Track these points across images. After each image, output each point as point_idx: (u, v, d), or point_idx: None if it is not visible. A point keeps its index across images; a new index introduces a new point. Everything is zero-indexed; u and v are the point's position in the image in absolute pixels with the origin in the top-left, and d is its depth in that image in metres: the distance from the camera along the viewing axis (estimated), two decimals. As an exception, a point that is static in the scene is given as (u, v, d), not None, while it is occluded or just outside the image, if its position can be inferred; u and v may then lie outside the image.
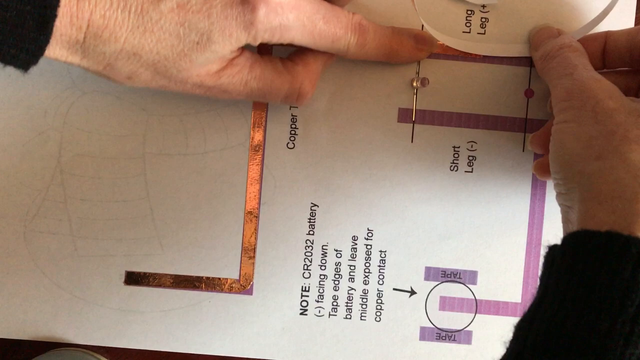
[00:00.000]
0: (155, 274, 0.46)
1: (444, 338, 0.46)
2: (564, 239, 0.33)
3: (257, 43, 0.38)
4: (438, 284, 0.46)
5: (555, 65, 0.40)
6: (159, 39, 0.36)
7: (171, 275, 0.46)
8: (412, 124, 0.45)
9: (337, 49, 0.41)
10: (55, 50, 0.36)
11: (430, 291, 0.46)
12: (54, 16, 0.34)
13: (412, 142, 0.45)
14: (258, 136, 0.45)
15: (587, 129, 0.35)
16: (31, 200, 0.45)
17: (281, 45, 0.41)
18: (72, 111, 0.45)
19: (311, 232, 0.46)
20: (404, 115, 0.45)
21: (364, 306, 0.46)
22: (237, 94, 0.40)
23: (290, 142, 0.45)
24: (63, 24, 0.35)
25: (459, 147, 0.45)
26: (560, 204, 0.37)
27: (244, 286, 0.46)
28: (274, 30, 0.38)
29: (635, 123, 0.35)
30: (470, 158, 0.45)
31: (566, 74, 0.39)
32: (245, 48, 0.39)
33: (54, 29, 0.35)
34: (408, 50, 0.44)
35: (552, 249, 0.34)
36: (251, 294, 0.46)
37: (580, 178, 0.35)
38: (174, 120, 0.45)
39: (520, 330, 0.33)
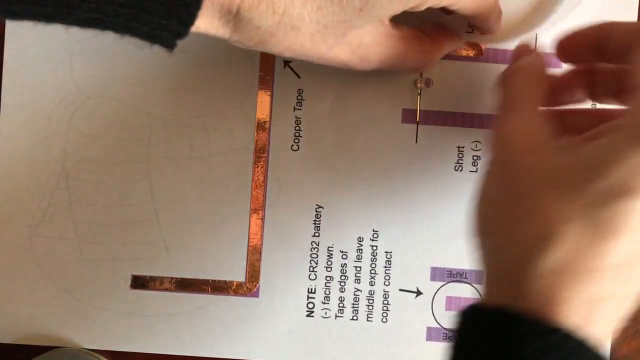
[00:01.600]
0: (161, 277, 0.46)
1: (451, 338, 0.46)
2: (462, 312, 0.33)
3: (423, 8, 0.36)
4: (444, 284, 0.46)
5: (498, 97, 0.37)
6: (319, 6, 0.33)
7: (177, 278, 0.46)
8: (416, 125, 0.45)
9: (486, 16, 0.39)
10: (205, 21, 0.33)
11: (437, 291, 0.46)
12: None
13: (416, 142, 0.45)
14: (262, 139, 0.45)
15: (494, 193, 0.33)
16: (36, 205, 0.45)
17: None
18: (76, 116, 0.45)
19: (317, 234, 0.46)
20: (408, 116, 0.45)
21: (370, 307, 0.46)
22: (376, 62, 0.38)
23: (295, 144, 0.45)
24: None
25: (463, 147, 0.45)
26: None
27: (250, 289, 0.46)
28: None
29: (540, 193, 0.31)
30: (475, 158, 0.45)
31: (500, 113, 0.36)
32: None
33: None
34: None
35: (460, 317, 0.33)
36: (257, 296, 0.46)
37: (480, 251, 0.34)
38: (178, 124, 0.45)
39: None
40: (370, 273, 0.46)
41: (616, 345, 0.46)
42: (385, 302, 0.46)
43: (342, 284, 0.46)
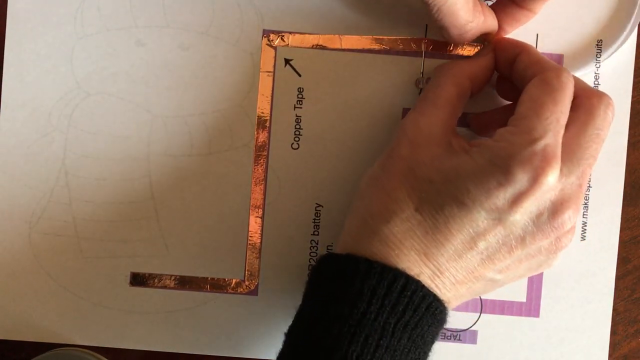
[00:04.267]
0: (160, 275, 0.46)
1: (449, 338, 0.46)
2: (317, 261, 0.40)
3: None
4: (443, 284, 0.46)
5: (425, 88, 0.42)
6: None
7: (176, 276, 0.46)
8: (416, 124, 0.45)
9: None
10: None
11: (436, 291, 0.46)
12: None
13: (416, 142, 0.45)
14: (262, 137, 0.45)
15: (382, 159, 0.41)
16: (36, 202, 0.45)
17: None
18: (77, 113, 0.45)
19: (316, 233, 0.46)
20: (409, 115, 0.45)
21: (369, 306, 0.46)
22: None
23: (295, 142, 0.45)
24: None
25: (463, 147, 0.45)
26: None
27: (249, 287, 0.46)
28: None
29: (406, 177, 0.39)
30: (475, 158, 0.45)
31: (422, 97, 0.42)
32: None
33: None
34: None
35: (313, 268, 0.41)
36: (256, 294, 0.46)
37: (353, 202, 0.41)
38: (178, 122, 0.45)
39: (286, 334, 0.40)
40: (370, 272, 0.46)
41: (616, 345, 0.46)
42: (384, 301, 0.46)
43: (341, 282, 0.46)
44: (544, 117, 0.37)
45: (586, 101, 0.39)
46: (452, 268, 0.38)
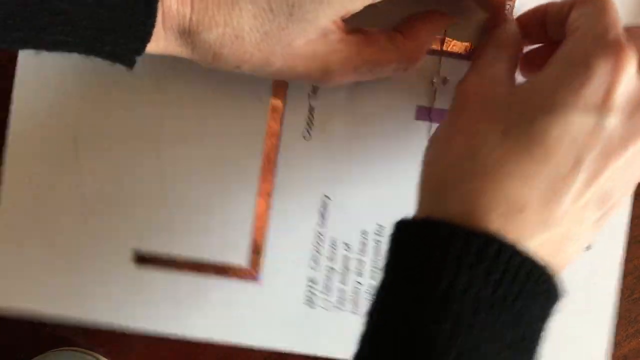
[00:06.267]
0: (164, 255, 0.45)
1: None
2: (393, 228, 0.36)
3: (360, 8, 0.38)
4: (445, 284, 0.46)
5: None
6: (254, 15, 0.36)
7: (180, 257, 0.45)
8: (429, 122, 0.45)
9: None
10: (167, 43, 0.36)
11: (437, 290, 0.46)
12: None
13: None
14: (274, 125, 0.45)
15: (449, 114, 0.38)
16: (46, 171, 0.45)
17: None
18: (92, 90, 0.45)
19: (321, 224, 0.46)
20: (422, 113, 0.45)
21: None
22: (341, 73, 0.39)
23: (307, 132, 0.45)
24: (171, 14, 0.35)
25: (475, 148, 0.45)
26: None
27: (252, 274, 0.45)
28: None
29: (478, 112, 0.36)
30: (486, 160, 0.45)
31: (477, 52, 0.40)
32: (347, 24, 0.39)
33: (164, 16, 0.35)
34: None
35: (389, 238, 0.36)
36: (259, 282, 0.46)
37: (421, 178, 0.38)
38: (191, 104, 0.45)
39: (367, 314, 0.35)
40: (373, 267, 0.46)
41: (616, 345, 0.46)
42: (386, 297, 0.46)
43: (344, 276, 0.46)
44: (607, 16, 0.35)
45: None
46: (554, 206, 0.33)
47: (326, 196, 0.46)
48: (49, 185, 0.45)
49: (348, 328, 0.46)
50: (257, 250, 0.45)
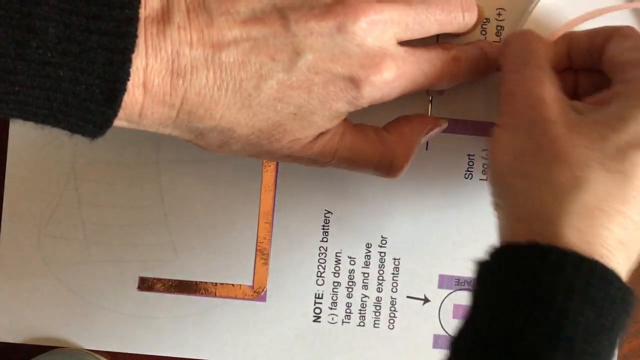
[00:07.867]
0: (168, 279, 0.45)
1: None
2: (492, 255, 0.34)
3: (365, 105, 0.38)
4: (452, 292, 0.46)
5: (512, 51, 0.38)
6: (255, 114, 0.35)
7: (184, 281, 0.45)
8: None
9: (432, 87, 0.40)
10: (146, 125, 0.35)
11: (444, 299, 0.46)
12: (122, 90, 0.32)
13: (427, 149, 0.45)
14: (272, 143, 0.45)
15: (519, 141, 0.35)
16: (45, 205, 0.45)
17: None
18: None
19: (325, 239, 0.46)
20: (419, 123, 0.45)
21: (377, 314, 0.46)
22: (325, 162, 0.39)
23: (305, 148, 0.45)
24: (155, 101, 0.33)
25: (473, 155, 0.45)
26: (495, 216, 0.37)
27: (257, 293, 0.46)
28: (375, 101, 0.37)
29: (570, 139, 0.33)
30: (485, 166, 0.45)
31: (515, 69, 0.37)
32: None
33: (146, 106, 0.33)
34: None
35: (482, 265, 0.34)
36: (264, 300, 0.46)
37: (506, 194, 0.35)
38: (188, 126, 0.45)
39: (455, 345, 0.34)
40: (378, 279, 0.46)
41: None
42: (393, 309, 0.46)
43: (350, 289, 0.46)
44: None
45: None
46: None
47: (328, 211, 0.46)
48: (49, 217, 0.45)
49: (356, 341, 0.46)
50: (261, 270, 0.45)
